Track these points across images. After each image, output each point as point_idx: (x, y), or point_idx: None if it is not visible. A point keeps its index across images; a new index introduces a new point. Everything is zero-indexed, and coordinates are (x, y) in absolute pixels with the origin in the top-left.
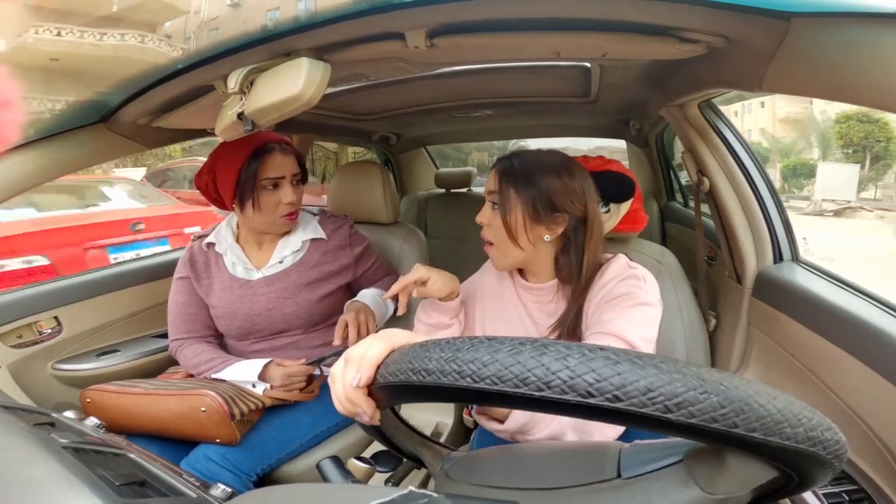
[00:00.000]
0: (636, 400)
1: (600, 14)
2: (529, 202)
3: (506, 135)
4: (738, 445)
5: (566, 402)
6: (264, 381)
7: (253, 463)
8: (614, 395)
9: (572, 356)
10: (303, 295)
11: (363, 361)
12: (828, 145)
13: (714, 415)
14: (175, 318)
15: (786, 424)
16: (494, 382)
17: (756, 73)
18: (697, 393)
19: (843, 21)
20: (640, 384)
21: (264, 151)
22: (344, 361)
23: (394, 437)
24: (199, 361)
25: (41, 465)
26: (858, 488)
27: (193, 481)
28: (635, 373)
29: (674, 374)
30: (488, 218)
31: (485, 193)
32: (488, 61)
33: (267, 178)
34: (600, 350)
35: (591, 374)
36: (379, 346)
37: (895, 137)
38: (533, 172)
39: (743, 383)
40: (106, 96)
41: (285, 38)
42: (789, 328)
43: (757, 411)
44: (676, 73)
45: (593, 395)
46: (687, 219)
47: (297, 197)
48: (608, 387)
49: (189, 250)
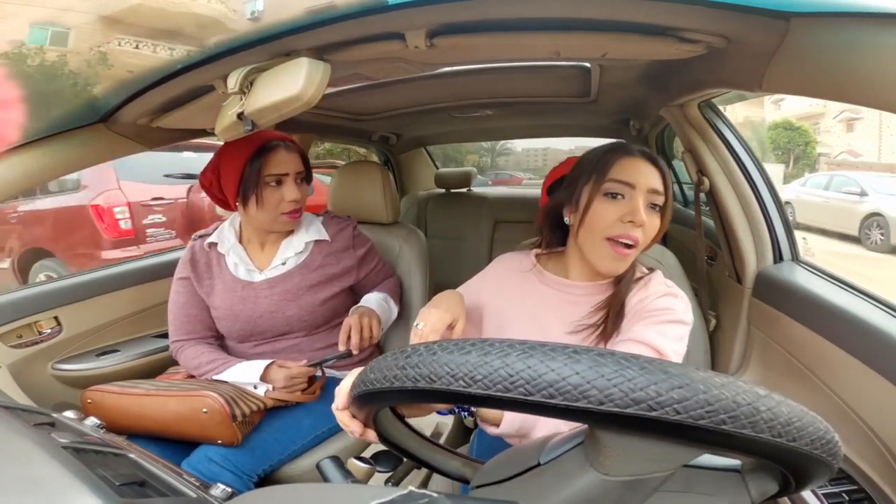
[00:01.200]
0: (594, 398)
1: (600, 14)
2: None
3: (506, 135)
4: (729, 445)
5: (552, 405)
6: (266, 382)
7: (254, 464)
8: (598, 398)
9: (558, 357)
10: (306, 297)
11: (339, 391)
12: (765, 148)
13: (700, 412)
14: (175, 319)
15: (776, 424)
16: (467, 384)
17: (756, 73)
18: (685, 392)
19: (843, 21)
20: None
21: (268, 148)
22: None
23: (423, 455)
24: (199, 363)
25: (41, 465)
26: (858, 488)
27: (193, 481)
28: (595, 371)
29: (659, 374)
30: (646, 219)
31: (642, 189)
32: (488, 61)
33: (270, 174)
34: (586, 352)
35: (551, 374)
36: (352, 376)
37: (812, 142)
38: None
39: (727, 381)
40: (106, 96)
41: (285, 38)
42: (789, 328)
43: (744, 410)
44: (676, 73)
45: (580, 399)
46: (687, 219)
47: (300, 195)
48: (591, 391)
49: (190, 250)
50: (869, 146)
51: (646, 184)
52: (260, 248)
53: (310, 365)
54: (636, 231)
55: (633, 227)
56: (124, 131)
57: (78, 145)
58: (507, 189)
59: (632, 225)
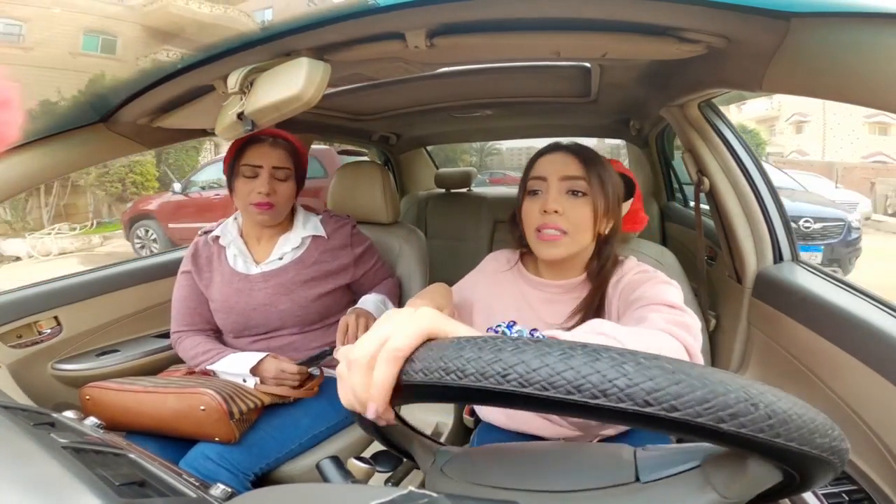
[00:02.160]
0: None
1: (600, 14)
2: (612, 192)
3: (506, 135)
4: (745, 446)
5: (621, 410)
6: (257, 374)
7: (251, 462)
8: (671, 405)
9: (628, 363)
10: (299, 292)
11: (390, 357)
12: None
13: (722, 414)
14: (176, 312)
15: (792, 425)
16: (544, 388)
17: (756, 73)
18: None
19: (843, 21)
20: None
21: (253, 141)
22: (368, 346)
23: (389, 433)
24: (196, 353)
25: (41, 465)
26: (858, 488)
27: (193, 481)
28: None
29: (679, 374)
30: (564, 206)
31: (553, 178)
32: (488, 61)
33: (246, 164)
34: (655, 359)
35: (648, 382)
36: (409, 335)
37: (763, 143)
38: (606, 164)
39: (747, 383)
40: (106, 96)
41: (285, 38)
42: (789, 328)
43: (763, 412)
44: (676, 73)
45: (650, 405)
46: (687, 219)
47: (270, 189)
48: (665, 396)
49: (194, 245)
50: (815, 146)
51: (558, 172)
52: (257, 241)
53: (300, 364)
54: (557, 220)
55: (552, 217)
56: (124, 131)
57: (78, 145)
58: (507, 189)
59: (550, 215)
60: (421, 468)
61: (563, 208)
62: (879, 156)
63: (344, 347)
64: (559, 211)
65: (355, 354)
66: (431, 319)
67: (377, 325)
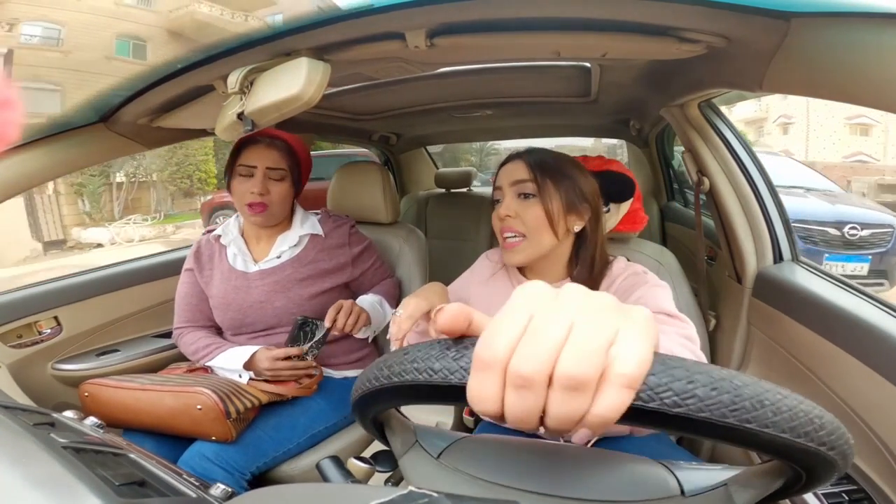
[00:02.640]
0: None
1: (600, 14)
2: (565, 192)
3: (506, 135)
4: (751, 444)
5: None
6: (250, 369)
7: (247, 461)
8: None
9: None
10: (295, 290)
11: (625, 383)
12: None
13: (724, 411)
14: (178, 308)
15: (797, 423)
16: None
17: (756, 73)
18: (709, 389)
19: (844, 21)
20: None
21: (251, 141)
22: (589, 363)
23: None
24: (196, 348)
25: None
26: (858, 488)
27: (193, 481)
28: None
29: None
30: (515, 209)
31: (505, 186)
32: (488, 61)
33: (241, 164)
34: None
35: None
36: (646, 359)
37: (749, 144)
38: (564, 166)
39: (752, 381)
40: (106, 96)
41: (285, 38)
42: (789, 328)
43: (770, 409)
44: (676, 73)
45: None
46: (687, 219)
47: (262, 189)
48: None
49: (197, 243)
50: (800, 147)
51: (509, 178)
52: (257, 241)
53: (289, 341)
54: (512, 223)
55: (507, 221)
56: (124, 131)
57: (78, 145)
58: None
59: (506, 220)
60: (393, 448)
61: (515, 212)
62: (860, 155)
63: (534, 353)
64: (511, 215)
65: (573, 370)
66: (654, 330)
67: (585, 334)
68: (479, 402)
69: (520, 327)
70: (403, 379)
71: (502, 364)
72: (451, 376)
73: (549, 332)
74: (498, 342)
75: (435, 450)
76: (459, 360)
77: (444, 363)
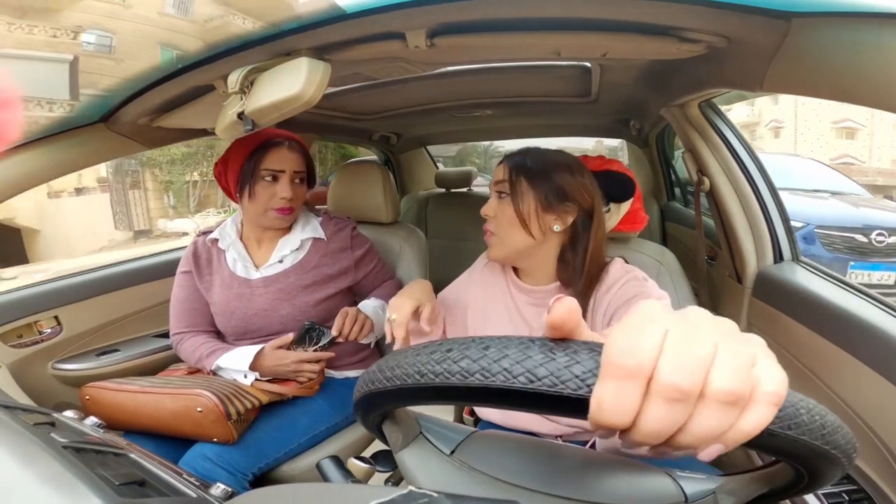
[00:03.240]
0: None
1: (601, 14)
2: (542, 191)
3: (506, 135)
4: (760, 445)
5: None
6: (256, 370)
7: (249, 462)
8: None
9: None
10: (300, 297)
11: (772, 401)
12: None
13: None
14: (176, 312)
15: (804, 423)
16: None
17: (757, 72)
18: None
19: (844, 21)
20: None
21: (272, 144)
22: (741, 381)
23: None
24: (200, 355)
25: (41, 464)
26: (858, 488)
27: (193, 481)
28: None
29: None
30: (493, 209)
31: (491, 187)
32: (488, 61)
33: (267, 169)
34: None
35: None
36: (784, 383)
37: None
38: (545, 166)
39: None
40: (106, 96)
41: (286, 38)
42: (789, 328)
43: (784, 410)
44: (677, 72)
45: None
46: (687, 219)
47: (293, 194)
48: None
49: (193, 245)
50: (789, 149)
51: (494, 179)
52: (258, 244)
53: (294, 343)
54: (488, 223)
55: (487, 219)
56: (125, 131)
57: (78, 145)
58: None
59: (485, 217)
60: (391, 443)
61: (493, 212)
62: (846, 158)
63: (689, 366)
64: (490, 214)
65: (731, 384)
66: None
67: (734, 351)
68: (611, 413)
69: (659, 338)
70: (490, 380)
71: (647, 374)
72: (561, 385)
73: (699, 346)
74: (642, 350)
75: (447, 445)
76: (572, 367)
77: (552, 368)
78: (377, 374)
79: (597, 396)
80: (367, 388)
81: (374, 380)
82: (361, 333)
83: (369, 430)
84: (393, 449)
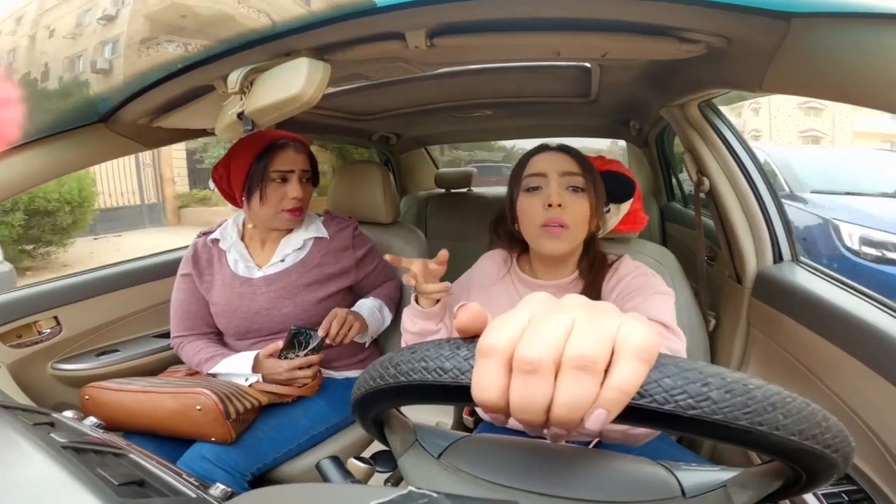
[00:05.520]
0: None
1: (600, 14)
2: (600, 187)
3: (506, 135)
4: (759, 445)
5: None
6: (258, 371)
7: (248, 463)
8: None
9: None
10: (302, 296)
11: (639, 355)
12: None
13: (738, 413)
14: (176, 315)
15: (806, 426)
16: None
17: (756, 73)
18: (723, 392)
19: (844, 21)
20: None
21: (278, 146)
22: (595, 342)
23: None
24: (200, 359)
25: (41, 465)
26: (858, 488)
27: (193, 481)
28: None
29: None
30: (565, 200)
31: (552, 174)
32: (488, 61)
33: (276, 170)
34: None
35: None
36: (654, 341)
37: None
38: (592, 164)
39: (762, 383)
40: (106, 96)
41: (285, 38)
42: (789, 328)
43: (781, 412)
44: (676, 73)
45: (694, 409)
46: (687, 219)
47: (303, 194)
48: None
49: (193, 247)
50: (766, 126)
51: (557, 168)
52: (260, 245)
53: (283, 350)
54: (560, 213)
55: (556, 210)
56: (124, 131)
57: (78, 145)
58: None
59: (554, 209)
60: (392, 447)
61: (565, 203)
62: (812, 131)
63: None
64: (562, 205)
65: (582, 348)
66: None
67: (591, 321)
68: (482, 391)
69: (524, 320)
70: (411, 378)
71: (507, 350)
72: (462, 376)
73: (554, 321)
74: (502, 331)
75: (436, 449)
76: (471, 359)
77: (455, 363)
78: (365, 375)
79: (473, 378)
80: (360, 391)
81: (365, 381)
82: (349, 335)
83: (367, 429)
84: (396, 456)
